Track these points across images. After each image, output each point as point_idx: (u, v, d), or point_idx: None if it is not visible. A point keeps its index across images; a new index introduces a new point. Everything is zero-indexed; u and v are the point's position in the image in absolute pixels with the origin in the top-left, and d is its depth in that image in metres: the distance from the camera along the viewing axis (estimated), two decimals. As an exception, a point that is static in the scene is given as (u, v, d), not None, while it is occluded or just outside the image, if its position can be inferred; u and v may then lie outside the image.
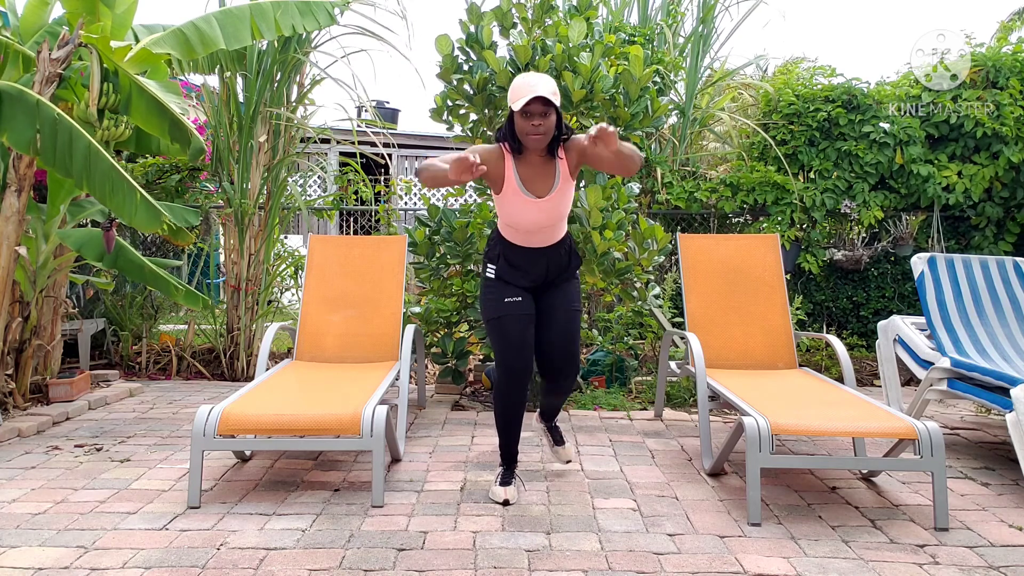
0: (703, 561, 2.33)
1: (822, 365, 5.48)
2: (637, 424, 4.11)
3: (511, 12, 4.49)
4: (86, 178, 3.56)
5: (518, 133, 2.71)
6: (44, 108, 3.52)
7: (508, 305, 2.86)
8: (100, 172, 3.56)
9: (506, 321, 2.86)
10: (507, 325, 2.86)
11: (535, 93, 2.59)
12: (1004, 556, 2.40)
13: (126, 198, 3.62)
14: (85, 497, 2.87)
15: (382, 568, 2.26)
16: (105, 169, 3.57)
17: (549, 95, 2.60)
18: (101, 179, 3.57)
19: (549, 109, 2.65)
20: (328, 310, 4.12)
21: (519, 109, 2.63)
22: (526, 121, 2.65)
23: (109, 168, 3.57)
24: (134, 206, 3.64)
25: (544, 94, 2.59)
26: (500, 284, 2.92)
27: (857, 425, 2.76)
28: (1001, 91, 5.73)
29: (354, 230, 9.77)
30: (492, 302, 2.91)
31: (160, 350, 5.81)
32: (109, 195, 3.60)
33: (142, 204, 3.67)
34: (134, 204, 3.64)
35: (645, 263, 4.41)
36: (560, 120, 2.74)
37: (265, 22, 4.42)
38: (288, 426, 2.80)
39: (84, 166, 3.54)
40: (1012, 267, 3.99)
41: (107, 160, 3.57)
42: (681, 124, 6.27)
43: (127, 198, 3.63)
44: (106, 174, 3.57)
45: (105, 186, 3.58)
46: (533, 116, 2.64)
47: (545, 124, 2.66)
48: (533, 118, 2.64)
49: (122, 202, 3.62)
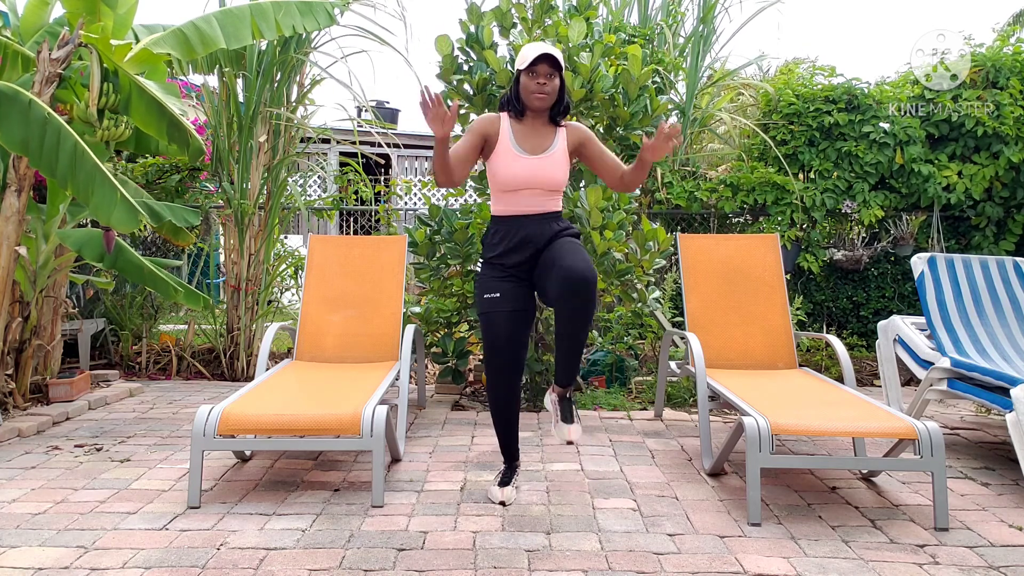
0: (703, 561, 2.33)
1: (822, 365, 5.48)
2: (637, 424, 4.11)
3: (511, 12, 4.48)
4: (70, 178, 3.55)
5: (522, 93, 2.76)
6: (35, 108, 3.52)
7: (488, 301, 2.78)
8: (84, 172, 3.55)
9: (489, 317, 2.78)
10: (490, 320, 2.78)
11: (542, 51, 2.66)
12: (1004, 556, 2.40)
13: (105, 197, 3.59)
14: (85, 497, 2.88)
15: (382, 568, 2.26)
16: (89, 169, 3.56)
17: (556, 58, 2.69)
18: (85, 179, 3.56)
19: (555, 72, 2.72)
20: (328, 310, 4.12)
21: (526, 68, 2.70)
22: (531, 80, 2.71)
23: (93, 168, 3.56)
24: (112, 205, 3.60)
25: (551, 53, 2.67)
26: (486, 278, 2.82)
27: (857, 425, 2.76)
28: (1001, 91, 5.73)
29: (354, 230, 9.77)
30: (478, 297, 2.85)
31: (160, 350, 5.81)
32: (90, 194, 3.58)
33: (121, 203, 3.61)
34: (113, 203, 3.60)
35: (647, 265, 4.41)
36: (563, 90, 2.79)
37: (265, 22, 4.42)
38: (288, 426, 2.80)
39: (69, 166, 3.53)
40: (1012, 267, 4.00)
41: (92, 160, 3.56)
42: (681, 124, 6.27)
43: (106, 197, 3.59)
44: (89, 174, 3.56)
45: (88, 185, 3.56)
46: (539, 75, 2.70)
47: (550, 84, 2.72)
48: (539, 77, 2.70)
49: (100, 201, 3.59)
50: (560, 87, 2.77)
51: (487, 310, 2.78)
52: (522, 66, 2.72)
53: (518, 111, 2.80)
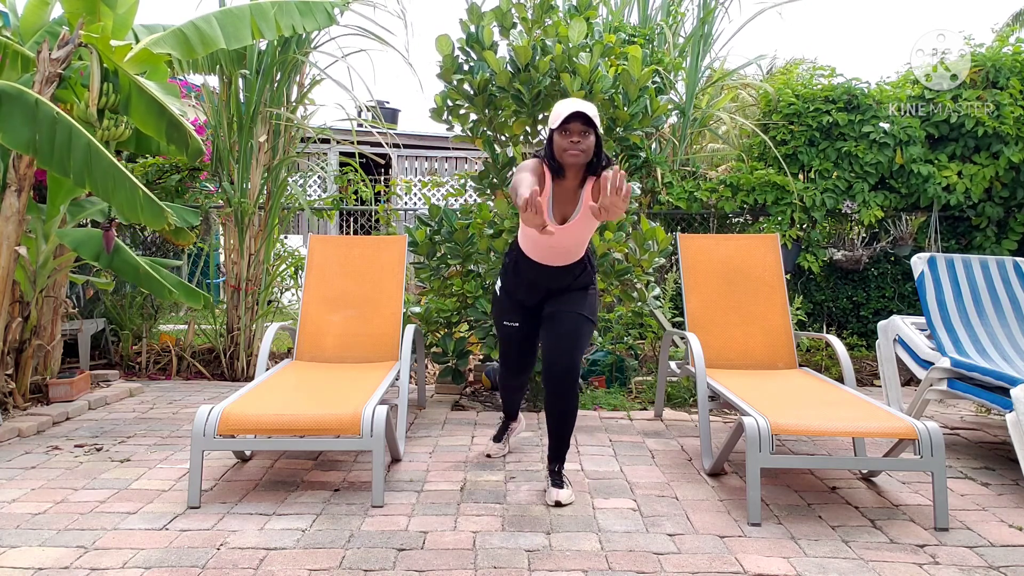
0: (703, 561, 2.33)
1: (822, 365, 5.48)
2: (637, 424, 4.11)
3: (511, 12, 4.48)
4: (87, 176, 3.55)
5: (556, 152, 2.71)
6: (43, 107, 3.51)
7: (507, 328, 3.12)
8: (101, 170, 3.56)
9: (505, 336, 3.15)
10: (508, 337, 3.14)
11: (575, 109, 2.61)
12: (1004, 556, 2.40)
13: (129, 195, 3.63)
14: (85, 497, 2.88)
15: (382, 568, 2.26)
16: (106, 167, 3.56)
17: (590, 115, 2.62)
18: (103, 177, 3.57)
19: (588, 129, 2.66)
20: (328, 310, 4.12)
21: (558, 126, 2.66)
22: (564, 138, 2.66)
23: (110, 166, 3.57)
24: (138, 204, 3.65)
25: (584, 111, 2.61)
26: (504, 298, 3.10)
27: (857, 425, 2.76)
28: (1001, 91, 5.73)
29: (354, 230, 9.77)
30: (496, 314, 3.17)
31: (160, 350, 5.81)
32: (112, 193, 3.60)
33: (146, 201, 3.68)
34: (136, 201, 3.64)
35: (646, 264, 4.41)
36: (600, 147, 2.72)
37: (265, 22, 4.42)
38: (288, 426, 2.80)
39: (84, 164, 3.53)
40: (1012, 267, 4.00)
41: (107, 158, 3.57)
42: (681, 124, 6.27)
43: (130, 196, 3.63)
44: (107, 172, 3.57)
45: (108, 184, 3.58)
46: (572, 134, 2.65)
47: (584, 142, 2.66)
48: (572, 135, 2.65)
49: (125, 200, 3.62)
50: (596, 144, 2.70)
51: (505, 333, 3.15)
52: (554, 125, 2.66)
53: (555, 170, 2.75)
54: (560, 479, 2.91)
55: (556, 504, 2.81)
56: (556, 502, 2.81)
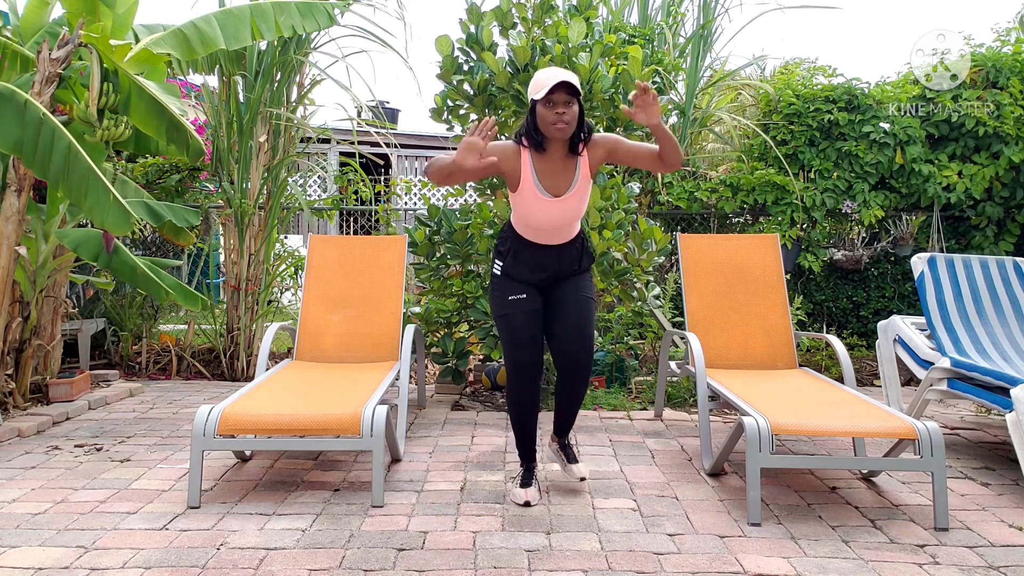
0: (703, 561, 2.33)
1: (822, 365, 5.48)
2: (637, 424, 4.11)
3: (511, 12, 4.49)
4: (63, 179, 3.53)
5: (540, 125, 2.62)
6: (31, 108, 3.51)
7: (512, 303, 2.83)
8: (77, 174, 3.53)
9: (511, 318, 2.82)
10: (512, 322, 2.82)
11: (559, 79, 2.51)
12: (1004, 556, 2.40)
13: (99, 200, 3.58)
14: (85, 497, 2.88)
15: (382, 568, 2.26)
16: (82, 171, 3.54)
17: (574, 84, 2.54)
18: (78, 180, 3.54)
19: (572, 99, 2.57)
20: (328, 310, 4.12)
21: (542, 98, 2.55)
22: (549, 110, 2.57)
23: (86, 170, 3.55)
24: (106, 208, 3.59)
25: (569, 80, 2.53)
26: (506, 281, 2.88)
27: (857, 425, 2.76)
28: (1001, 91, 5.73)
29: (354, 230, 9.78)
30: (498, 299, 2.88)
31: (160, 350, 5.81)
32: (83, 196, 3.56)
33: (114, 206, 3.60)
34: (106, 206, 3.58)
35: (644, 264, 4.41)
36: (582, 115, 2.65)
37: (265, 22, 4.42)
38: (288, 426, 2.80)
39: (62, 167, 3.51)
40: (1012, 267, 3.99)
41: (85, 162, 3.55)
42: (681, 124, 6.27)
43: (99, 200, 3.58)
44: (82, 176, 3.54)
45: (81, 187, 3.54)
46: (557, 105, 2.56)
47: (569, 113, 2.57)
48: (557, 107, 2.56)
49: (94, 203, 3.57)
50: (579, 113, 2.63)
51: (510, 311, 2.83)
52: (537, 96, 2.55)
53: (538, 143, 2.67)
54: (573, 452, 3.04)
55: (581, 479, 2.96)
56: (582, 478, 2.96)
